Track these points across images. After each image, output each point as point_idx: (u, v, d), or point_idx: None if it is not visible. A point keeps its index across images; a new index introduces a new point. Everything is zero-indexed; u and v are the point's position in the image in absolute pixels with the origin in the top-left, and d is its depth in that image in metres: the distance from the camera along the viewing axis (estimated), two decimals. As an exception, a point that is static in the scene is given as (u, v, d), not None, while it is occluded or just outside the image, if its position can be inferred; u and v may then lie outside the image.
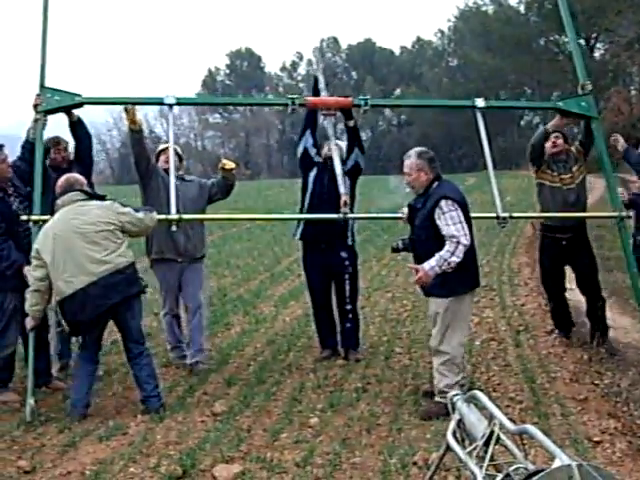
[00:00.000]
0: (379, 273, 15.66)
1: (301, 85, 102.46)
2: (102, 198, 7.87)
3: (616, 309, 11.39)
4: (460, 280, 7.39)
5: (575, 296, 10.36)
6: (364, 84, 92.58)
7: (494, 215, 8.71)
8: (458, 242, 7.15)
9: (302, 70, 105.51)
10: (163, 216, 8.15)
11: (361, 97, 8.92)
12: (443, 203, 7.32)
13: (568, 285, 10.11)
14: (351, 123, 9.30)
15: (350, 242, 9.46)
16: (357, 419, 7.27)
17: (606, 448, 6.53)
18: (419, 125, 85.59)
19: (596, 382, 8.41)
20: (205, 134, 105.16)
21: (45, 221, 7.74)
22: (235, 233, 23.81)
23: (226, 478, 5.94)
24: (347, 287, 9.45)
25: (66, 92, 8.37)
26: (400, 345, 10.04)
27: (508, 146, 63.33)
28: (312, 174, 9.37)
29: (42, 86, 8.25)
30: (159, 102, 8.80)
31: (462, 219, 7.31)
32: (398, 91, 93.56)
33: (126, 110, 8.58)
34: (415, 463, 6.10)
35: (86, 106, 8.54)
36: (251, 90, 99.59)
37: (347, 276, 9.42)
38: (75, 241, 7.39)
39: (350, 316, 9.51)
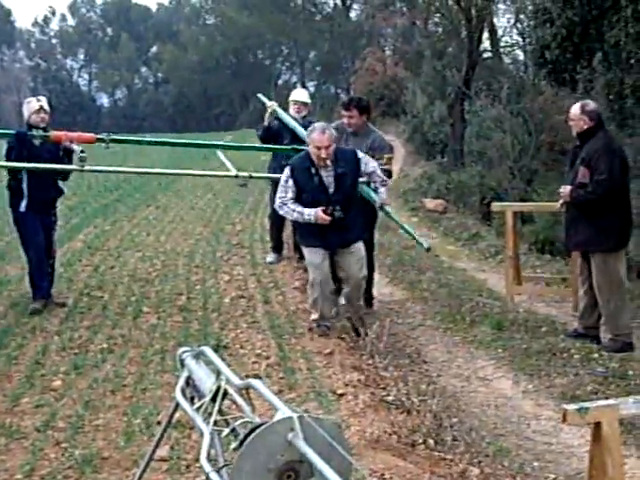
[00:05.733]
0: (129, 232, 15.42)
1: (54, 41, 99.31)
2: None
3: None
4: None
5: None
6: (119, 41, 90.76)
7: (234, 174, 9.25)
8: None
9: (55, 26, 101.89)
10: None
11: (104, 133, 9.64)
12: None
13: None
14: None
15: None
16: (102, 380, 7.14)
17: (349, 400, 6.70)
18: (176, 84, 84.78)
19: (342, 336, 8.63)
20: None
21: None
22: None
23: (-39, 447, 5.72)
24: (54, 239, 10.03)
25: None
26: (149, 304, 9.92)
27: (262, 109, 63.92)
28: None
29: None
30: None
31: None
32: (154, 48, 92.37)
33: None
34: (159, 422, 6.05)
35: None
36: (0, 46, 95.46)
37: (54, 232, 10.03)
38: None
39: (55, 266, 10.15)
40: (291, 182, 8.31)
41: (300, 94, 11.75)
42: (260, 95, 11.33)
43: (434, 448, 6.07)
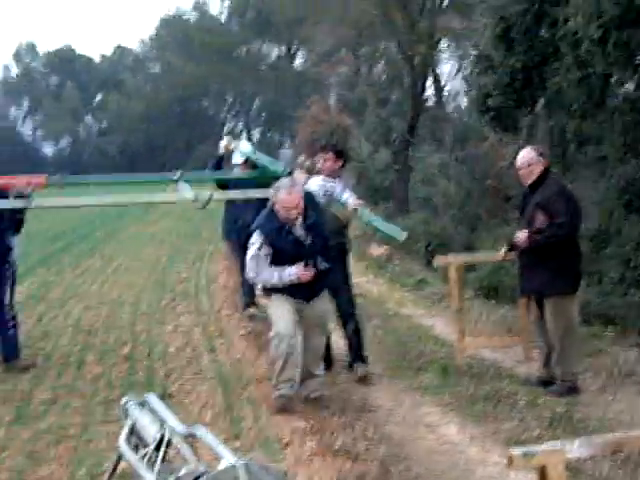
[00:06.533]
0: (73, 282, 15.28)
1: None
2: None
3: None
4: None
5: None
6: (64, 90, 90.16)
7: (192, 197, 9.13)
8: None
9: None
10: None
11: (57, 175, 9.19)
12: None
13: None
14: None
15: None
16: (45, 431, 7.05)
17: (296, 448, 6.65)
18: (120, 133, 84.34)
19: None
20: None
21: None
22: None
23: None
24: (7, 297, 9.14)
25: None
26: (93, 354, 9.80)
27: (214, 151, 63.78)
28: None
29: None
30: None
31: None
32: (99, 97, 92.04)
33: None
34: (104, 473, 5.98)
35: None
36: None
37: (10, 282, 9.15)
38: None
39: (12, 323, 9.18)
40: (265, 249, 7.72)
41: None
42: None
43: (381, 496, 6.05)
